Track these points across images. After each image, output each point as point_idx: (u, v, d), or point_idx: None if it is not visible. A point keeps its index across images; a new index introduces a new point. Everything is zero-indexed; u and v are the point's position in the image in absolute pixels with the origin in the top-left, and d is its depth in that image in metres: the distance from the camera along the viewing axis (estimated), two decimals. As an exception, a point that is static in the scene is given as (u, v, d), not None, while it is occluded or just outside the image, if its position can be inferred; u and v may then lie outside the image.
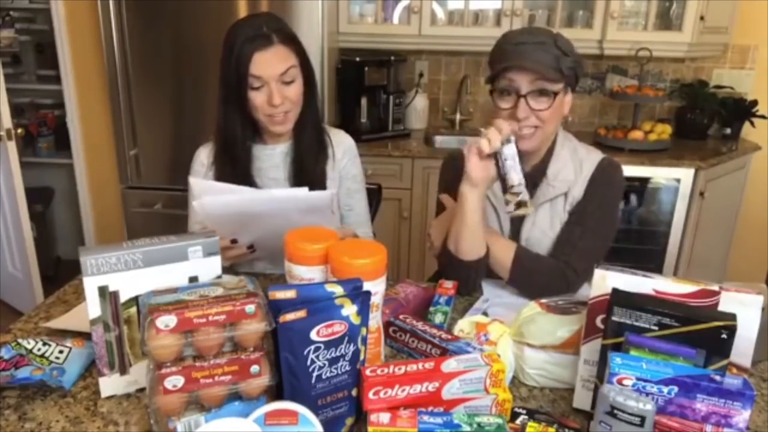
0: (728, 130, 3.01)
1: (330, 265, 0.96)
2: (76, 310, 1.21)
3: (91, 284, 0.89)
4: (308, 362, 0.81)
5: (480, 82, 3.10)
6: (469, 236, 1.27)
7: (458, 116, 3.16)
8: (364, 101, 2.82)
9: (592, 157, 1.38)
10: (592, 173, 1.36)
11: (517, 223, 1.40)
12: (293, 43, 1.39)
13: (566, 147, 1.38)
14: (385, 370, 0.85)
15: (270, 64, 1.34)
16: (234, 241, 1.34)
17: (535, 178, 1.36)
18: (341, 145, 1.54)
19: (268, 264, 1.46)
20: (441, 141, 2.98)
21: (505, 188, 1.20)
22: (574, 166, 1.36)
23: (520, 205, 1.19)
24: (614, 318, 0.85)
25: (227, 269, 1.31)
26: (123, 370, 0.95)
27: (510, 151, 1.19)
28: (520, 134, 1.28)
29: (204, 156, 1.49)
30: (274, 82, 1.35)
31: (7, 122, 2.57)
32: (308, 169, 1.46)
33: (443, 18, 2.96)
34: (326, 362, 0.82)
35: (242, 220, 1.29)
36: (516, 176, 1.19)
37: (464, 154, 1.25)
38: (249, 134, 1.45)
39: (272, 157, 1.48)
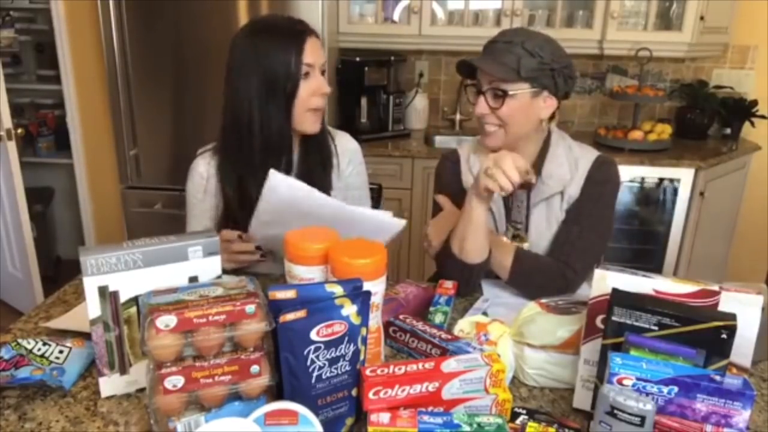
0: (728, 130, 3.02)
1: (330, 265, 0.96)
2: (76, 310, 1.21)
3: (91, 284, 0.89)
4: (308, 362, 0.81)
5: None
6: (474, 239, 1.27)
7: (458, 116, 3.15)
8: (364, 101, 2.82)
9: (588, 155, 1.39)
10: (588, 171, 1.36)
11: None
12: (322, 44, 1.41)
13: (561, 146, 1.38)
14: (385, 370, 0.85)
15: (317, 51, 1.35)
16: (259, 248, 1.33)
17: None
18: (346, 152, 1.51)
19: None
20: (441, 141, 2.98)
21: (509, 218, 1.33)
22: (569, 165, 1.36)
23: (515, 237, 1.34)
24: (614, 318, 0.85)
25: (234, 271, 1.30)
26: (123, 370, 0.95)
27: (523, 196, 1.30)
28: (483, 132, 1.35)
29: (203, 167, 1.44)
30: (318, 71, 1.36)
31: (7, 122, 2.57)
32: (316, 180, 1.42)
33: (443, 18, 2.96)
34: (326, 362, 0.82)
35: (301, 214, 1.21)
36: (519, 215, 1.31)
37: (471, 162, 1.31)
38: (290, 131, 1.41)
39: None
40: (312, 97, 1.36)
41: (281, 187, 1.21)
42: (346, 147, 1.53)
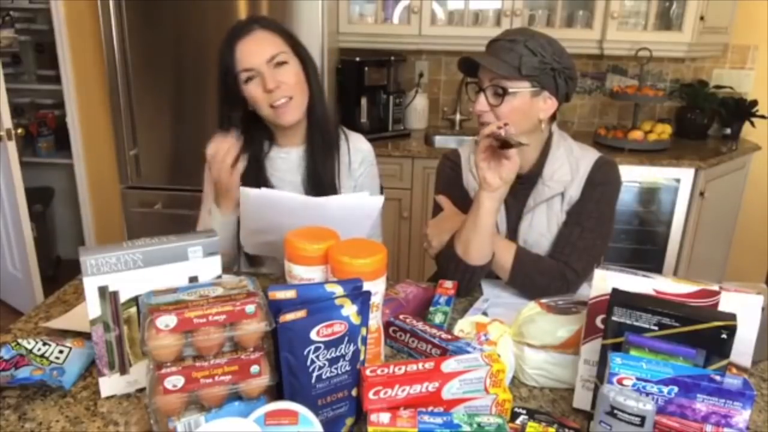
0: (728, 130, 3.02)
1: (330, 265, 0.96)
2: (76, 310, 1.21)
3: (91, 284, 0.89)
4: (308, 362, 0.81)
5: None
6: (480, 242, 1.26)
7: (458, 116, 3.16)
8: (364, 101, 2.82)
9: (588, 156, 1.38)
10: (589, 172, 1.35)
11: (513, 225, 1.40)
12: (278, 29, 1.37)
13: (562, 147, 1.38)
14: (385, 370, 0.85)
15: (253, 51, 1.32)
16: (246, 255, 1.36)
17: (531, 179, 1.37)
18: (359, 152, 1.52)
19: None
20: (441, 141, 2.99)
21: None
22: (570, 166, 1.36)
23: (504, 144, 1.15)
24: (614, 318, 0.85)
25: (233, 271, 1.30)
26: (123, 370, 0.95)
27: (513, 131, 1.16)
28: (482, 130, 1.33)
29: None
30: (264, 68, 1.32)
31: (7, 122, 2.57)
32: (321, 172, 1.44)
33: (443, 18, 2.96)
34: (326, 362, 0.82)
35: (282, 218, 1.23)
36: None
37: (472, 162, 1.26)
38: (257, 136, 1.43)
39: (287, 161, 1.47)
40: (265, 96, 1.34)
41: (252, 199, 1.23)
42: (358, 147, 1.53)
